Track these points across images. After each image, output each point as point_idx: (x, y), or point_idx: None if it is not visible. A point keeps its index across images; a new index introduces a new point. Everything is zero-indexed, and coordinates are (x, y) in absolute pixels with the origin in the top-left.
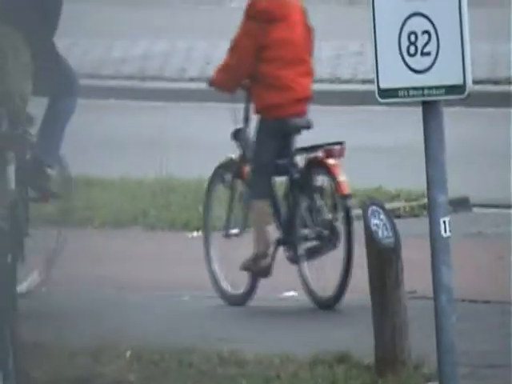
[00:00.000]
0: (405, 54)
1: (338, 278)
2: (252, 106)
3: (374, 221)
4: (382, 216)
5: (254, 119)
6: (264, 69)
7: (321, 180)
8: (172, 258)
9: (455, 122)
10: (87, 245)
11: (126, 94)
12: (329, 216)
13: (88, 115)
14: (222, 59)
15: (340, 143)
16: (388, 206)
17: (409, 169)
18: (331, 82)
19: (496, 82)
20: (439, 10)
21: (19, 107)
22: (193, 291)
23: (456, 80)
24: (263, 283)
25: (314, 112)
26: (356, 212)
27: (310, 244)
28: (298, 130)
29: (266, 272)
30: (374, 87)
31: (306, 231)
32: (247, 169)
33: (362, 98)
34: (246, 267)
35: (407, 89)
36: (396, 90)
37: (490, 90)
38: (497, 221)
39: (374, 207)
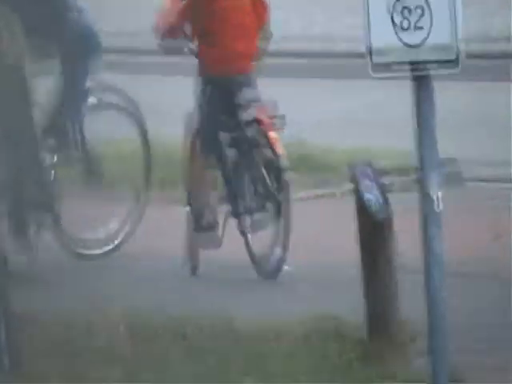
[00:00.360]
0: (398, 28)
1: (278, 250)
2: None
3: (365, 182)
4: (371, 177)
5: None
6: (210, 30)
7: (265, 152)
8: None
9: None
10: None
11: None
12: (272, 188)
13: None
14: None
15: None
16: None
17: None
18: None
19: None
20: None
21: None
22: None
23: (449, 55)
24: None
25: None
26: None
27: (255, 216)
28: (239, 86)
29: (215, 244)
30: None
31: (250, 203)
32: None
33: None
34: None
35: (400, 63)
36: (389, 64)
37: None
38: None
39: (363, 168)
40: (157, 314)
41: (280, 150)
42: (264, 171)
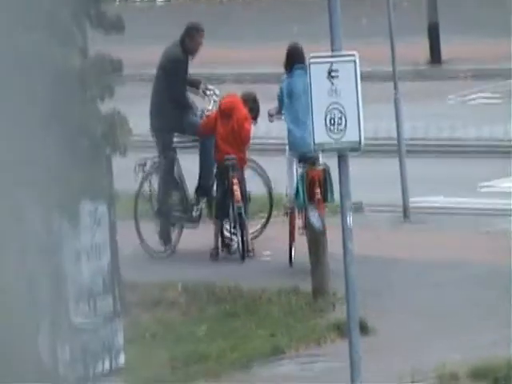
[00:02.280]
0: (328, 126)
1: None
2: None
3: (312, 217)
4: (316, 214)
5: None
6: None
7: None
8: None
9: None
10: None
11: None
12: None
13: None
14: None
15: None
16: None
17: None
18: None
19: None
20: (346, 102)
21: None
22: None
23: (356, 141)
24: None
25: None
26: None
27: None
28: None
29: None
30: None
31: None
32: None
33: None
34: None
35: (330, 144)
36: (323, 144)
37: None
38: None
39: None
40: None
41: None
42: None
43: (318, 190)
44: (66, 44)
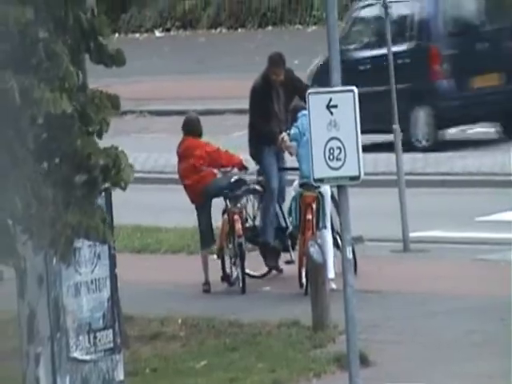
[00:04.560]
0: (327, 159)
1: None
2: None
3: (312, 249)
4: (316, 247)
5: None
6: None
7: None
8: None
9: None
10: None
11: None
12: None
13: None
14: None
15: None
16: None
17: None
18: None
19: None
20: (345, 135)
21: None
22: None
23: (355, 173)
24: None
25: None
26: None
27: None
28: None
29: None
30: None
31: None
32: None
33: None
34: None
35: (329, 178)
36: (323, 178)
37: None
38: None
39: (312, 242)
40: None
41: None
42: None
43: (309, 217)
44: (56, 89)
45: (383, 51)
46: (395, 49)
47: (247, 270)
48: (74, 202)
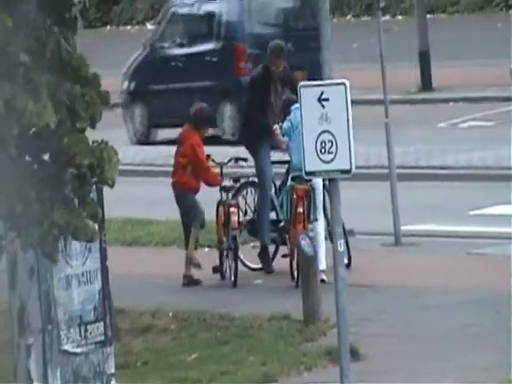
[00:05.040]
0: (319, 152)
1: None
2: None
3: (303, 242)
4: (307, 239)
5: None
6: None
7: None
8: None
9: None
10: None
11: None
12: None
13: None
14: None
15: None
16: None
17: None
18: None
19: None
20: (337, 129)
21: None
22: None
23: (346, 167)
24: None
25: None
26: None
27: None
28: None
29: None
30: None
31: None
32: None
33: None
34: None
35: (320, 171)
36: (314, 172)
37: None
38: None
39: (303, 235)
40: None
41: None
42: None
43: (300, 210)
44: (40, 100)
45: (194, 49)
46: (204, 47)
47: (246, 262)
48: (61, 200)
